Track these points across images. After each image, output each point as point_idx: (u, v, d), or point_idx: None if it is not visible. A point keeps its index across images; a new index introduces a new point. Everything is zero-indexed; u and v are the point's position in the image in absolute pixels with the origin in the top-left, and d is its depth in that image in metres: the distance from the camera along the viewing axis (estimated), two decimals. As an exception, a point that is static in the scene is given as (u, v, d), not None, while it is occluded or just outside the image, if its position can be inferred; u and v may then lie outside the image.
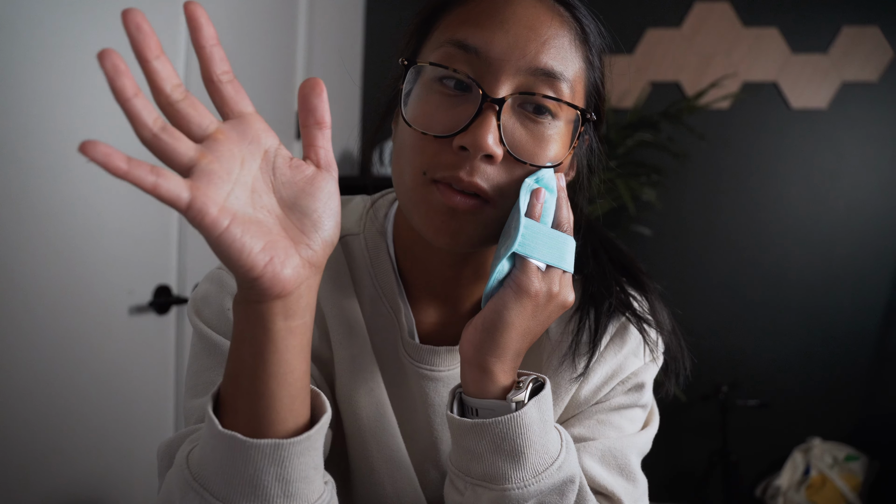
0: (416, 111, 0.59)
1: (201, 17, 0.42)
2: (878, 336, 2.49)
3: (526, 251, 0.56)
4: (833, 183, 2.51)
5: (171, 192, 0.38)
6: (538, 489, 0.55)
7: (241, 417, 0.48)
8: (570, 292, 0.59)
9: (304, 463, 0.48)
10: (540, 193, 0.57)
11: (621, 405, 0.69)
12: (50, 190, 1.28)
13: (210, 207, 0.40)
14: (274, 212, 0.45)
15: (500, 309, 0.56)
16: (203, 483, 0.48)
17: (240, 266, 0.42)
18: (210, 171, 0.41)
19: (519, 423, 0.54)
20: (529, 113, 0.58)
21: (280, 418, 0.48)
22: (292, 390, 0.48)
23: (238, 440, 0.46)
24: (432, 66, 0.59)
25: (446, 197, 0.57)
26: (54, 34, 1.25)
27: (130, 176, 0.37)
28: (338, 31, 2.44)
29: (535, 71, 0.57)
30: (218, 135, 0.42)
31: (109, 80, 0.37)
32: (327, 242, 0.47)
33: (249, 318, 0.46)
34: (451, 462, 0.59)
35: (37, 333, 1.26)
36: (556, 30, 0.58)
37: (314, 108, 0.46)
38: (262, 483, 0.47)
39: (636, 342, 0.69)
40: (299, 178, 0.46)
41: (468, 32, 0.58)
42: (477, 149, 0.55)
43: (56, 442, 1.31)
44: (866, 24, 2.45)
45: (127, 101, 0.38)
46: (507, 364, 0.57)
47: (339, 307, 0.68)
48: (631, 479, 0.66)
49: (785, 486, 2.39)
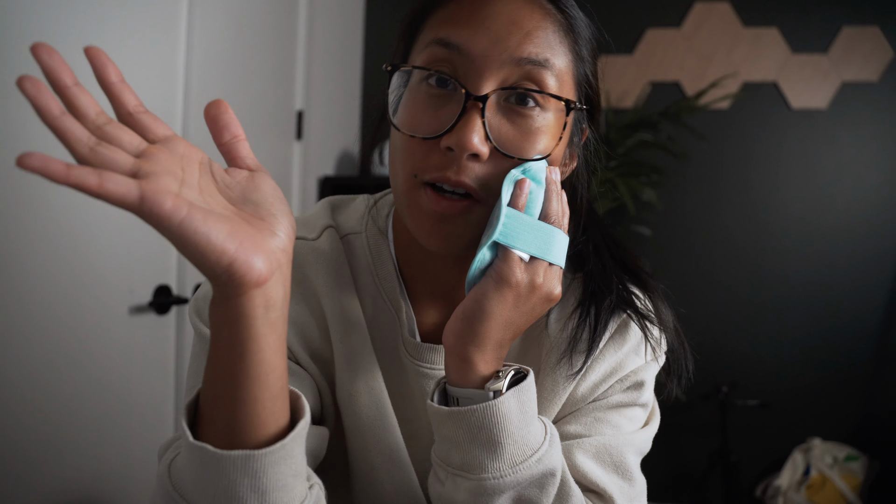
0: (404, 114, 0.60)
1: (103, 57, 0.43)
2: (878, 336, 2.49)
3: (507, 241, 0.56)
4: (833, 183, 2.51)
5: (118, 188, 0.37)
6: (515, 480, 0.55)
7: (218, 425, 0.47)
8: (556, 285, 0.59)
9: (279, 472, 0.47)
10: (524, 184, 0.57)
11: (620, 403, 0.68)
12: (50, 190, 1.28)
13: (165, 196, 0.38)
14: (227, 208, 0.44)
15: (480, 298, 0.56)
16: (182, 493, 0.48)
17: (209, 253, 0.41)
18: (155, 172, 0.40)
19: (495, 412, 0.54)
20: (515, 106, 0.58)
21: (260, 423, 0.47)
22: (273, 391, 0.47)
23: (209, 452, 0.45)
24: (416, 69, 0.59)
25: (433, 202, 0.57)
26: (54, 34, 1.25)
27: (72, 180, 0.35)
28: (338, 31, 2.44)
29: (519, 61, 0.57)
30: (151, 149, 0.42)
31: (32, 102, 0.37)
32: (288, 230, 0.46)
33: (229, 316, 0.44)
34: (433, 452, 0.60)
35: (37, 333, 1.26)
36: (539, 21, 0.58)
37: (227, 124, 0.47)
38: (237, 494, 0.46)
39: (637, 340, 0.68)
40: (239, 179, 0.47)
41: (451, 31, 0.58)
42: (462, 149, 0.55)
43: (56, 442, 1.31)
44: (866, 24, 2.45)
45: (55, 119, 0.38)
46: (487, 354, 0.57)
47: (339, 304, 0.68)
48: (627, 477, 0.65)
49: (785, 486, 2.39)
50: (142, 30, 1.45)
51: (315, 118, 2.22)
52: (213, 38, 1.68)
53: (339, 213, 0.74)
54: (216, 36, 1.69)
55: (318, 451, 0.63)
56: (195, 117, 1.62)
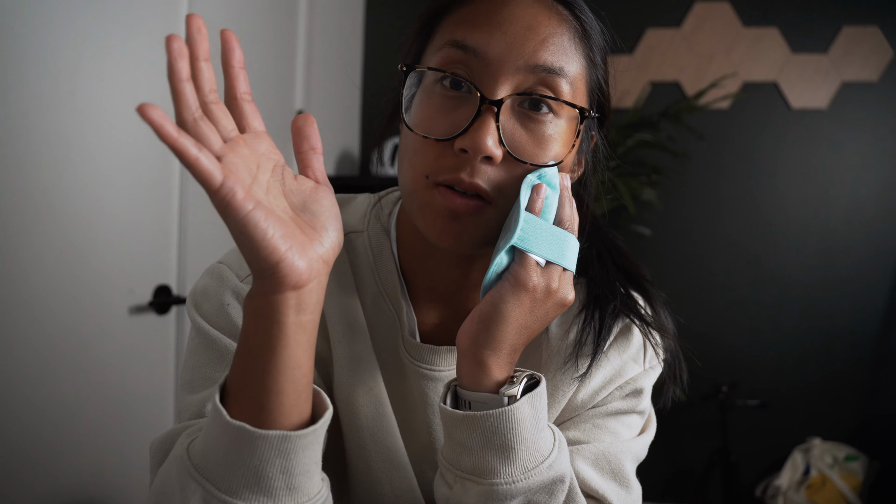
0: (418, 115, 0.60)
1: (234, 42, 0.48)
2: (878, 336, 2.49)
3: (525, 245, 0.56)
4: (833, 183, 2.51)
5: (208, 168, 0.41)
6: (527, 486, 0.55)
7: (246, 411, 0.49)
8: (569, 290, 0.59)
9: (307, 457, 0.49)
10: (541, 189, 0.57)
11: (618, 410, 0.68)
12: (50, 190, 1.28)
13: (239, 189, 0.43)
14: (287, 212, 0.48)
15: (497, 302, 0.56)
16: (205, 474, 0.49)
17: (262, 249, 0.44)
18: (235, 163, 0.44)
19: (510, 417, 0.54)
20: (529, 111, 0.58)
21: (285, 413, 0.49)
22: (298, 386, 0.49)
23: (246, 431, 0.47)
24: (431, 70, 0.59)
25: (447, 200, 0.57)
26: (55, 34, 1.25)
27: (178, 144, 0.39)
28: (338, 31, 2.44)
29: (534, 68, 0.57)
30: (239, 139, 0.47)
31: (171, 59, 0.42)
32: (335, 243, 0.50)
33: (262, 311, 0.47)
34: (442, 455, 0.60)
35: (37, 333, 1.26)
36: (555, 28, 0.59)
37: (309, 136, 0.52)
38: (266, 474, 0.48)
39: (637, 347, 0.69)
40: (304, 188, 0.51)
41: (467, 33, 0.58)
42: (476, 151, 0.56)
43: (56, 441, 1.31)
44: (866, 24, 2.45)
45: (180, 83, 0.43)
46: (502, 358, 0.57)
47: (339, 304, 0.68)
48: (624, 484, 0.66)
49: (785, 486, 2.39)
50: (142, 30, 1.45)
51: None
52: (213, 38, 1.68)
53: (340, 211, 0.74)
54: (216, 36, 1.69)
55: None
56: (195, 117, 1.62)
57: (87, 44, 1.30)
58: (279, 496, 0.48)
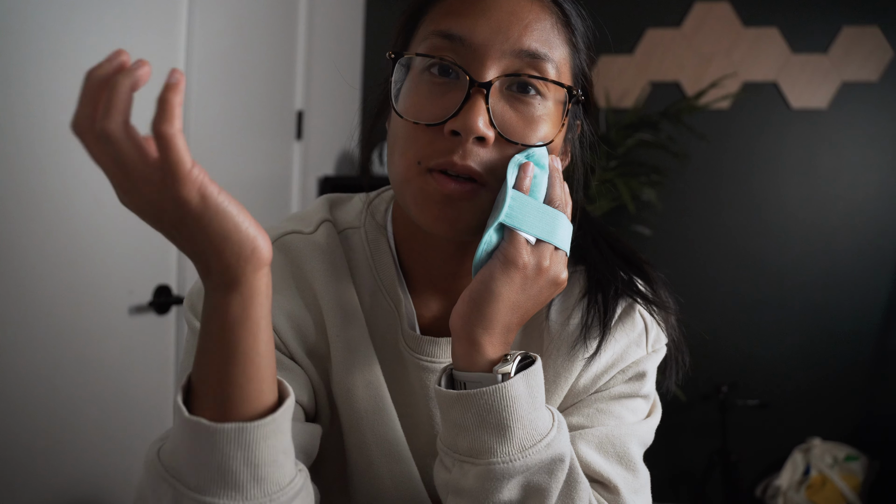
0: (407, 102, 0.60)
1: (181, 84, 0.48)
2: (878, 336, 2.49)
3: (514, 223, 0.56)
4: (833, 183, 2.51)
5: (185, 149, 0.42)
6: (524, 465, 0.55)
7: (209, 403, 0.49)
8: (562, 269, 0.59)
9: (271, 446, 0.49)
10: (528, 167, 0.57)
11: (621, 394, 0.68)
12: (50, 190, 1.28)
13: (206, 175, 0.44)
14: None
15: (488, 280, 0.56)
16: (174, 474, 0.49)
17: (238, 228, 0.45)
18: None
19: (504, 394, 0.54)
20: (517, 94, 0.59)
21: (249, 400, 0.49)
22: (261, 372, 0.49)
23: (203, 425, 0.47)
24: (419, 56, 0.60)
25: (441, 184, 0.58)
26: (55, 34, 1.25)
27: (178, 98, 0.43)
28: (338, 31, 2.44)
29: (520, 53, 0.58)
30: None
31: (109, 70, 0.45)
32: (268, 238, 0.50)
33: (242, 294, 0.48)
34: (440, 440, 0.60)
35: (37, 333, 1.26)
36: (537, 14, 0.60)
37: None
38: (230, 469, 0.47)
39: (640, 330, 0.69)
40: None
41: (452, 23, 0.59)
42: (468, 132, 0.56)
43: (56, 441, 1.31)
44: (866, 24, 2.45)
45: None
46: (495, 337, 0.57)
47: (336, 297, 0.67)
48: (630, 468, 0.65)
49: (785, 486, 2.39)
50: (142, 30, 1.45)
51: (315, 118, 2.22)
52: (213, 38, 1.68)
53: (336, 209, 0.74)
54: (216, 36, 1.69)
55: (311, 448, 0.62)
56: (195, 117, 1.62)
57: (87, 44, 1.30)
58: (246, 489, 0.48)
